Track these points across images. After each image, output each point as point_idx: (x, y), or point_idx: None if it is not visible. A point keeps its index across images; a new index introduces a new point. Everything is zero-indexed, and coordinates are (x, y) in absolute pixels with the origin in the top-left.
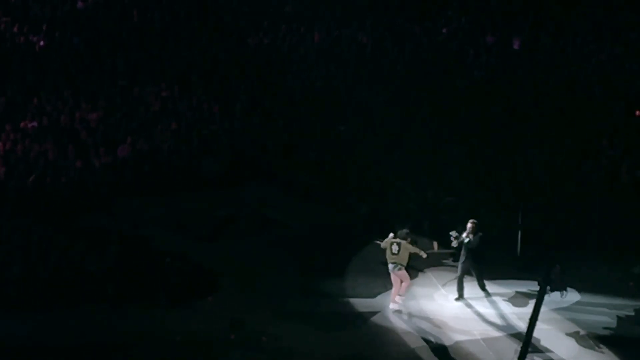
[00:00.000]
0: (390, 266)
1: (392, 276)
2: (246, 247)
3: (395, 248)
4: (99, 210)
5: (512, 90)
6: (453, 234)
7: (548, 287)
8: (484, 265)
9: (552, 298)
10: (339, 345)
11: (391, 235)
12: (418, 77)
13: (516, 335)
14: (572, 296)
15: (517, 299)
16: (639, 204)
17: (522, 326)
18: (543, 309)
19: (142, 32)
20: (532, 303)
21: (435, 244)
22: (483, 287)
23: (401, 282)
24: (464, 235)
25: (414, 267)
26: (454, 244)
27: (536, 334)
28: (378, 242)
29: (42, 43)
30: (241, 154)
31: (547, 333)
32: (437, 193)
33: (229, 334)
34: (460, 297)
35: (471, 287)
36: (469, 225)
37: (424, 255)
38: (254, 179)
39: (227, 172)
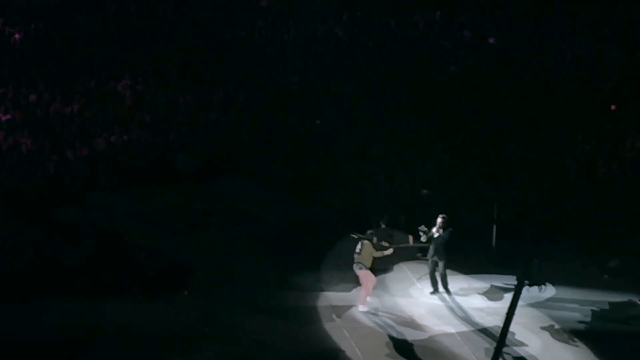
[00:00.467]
0: (354, 266)
1: (359, 276)
2: (222, 241)
3: (358, 247)
4: (74, 204)
5: (488, 85)
6: (422, 228)
7: (526, 282)
8: (451, 259)
9: (530, 293)
10: (313, 339)
11: (369, 232)
12: (395, 72)
13: (492, 330)
14: (547, 291)
15: (493, 293)
16: (614, 198)
17: (498, 320)
18: (519, 303)
19: (118, 25)
20: (507, 297)
21: (410, 238)
22: (445, 285)
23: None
24: (434, 230)
25: (390, 262)
26: (423, 238)
27: (511, 328)
28: (354, 236)
29: (17, 36)
30: (217, 148)
31: (522, 327)
32: (413, 187)
33: (204, 327)
34: (436, 290)
35: (449, 282)
36: (439, 220)
37: (389, 252)
38: (230, 173)
39: (203, 166)
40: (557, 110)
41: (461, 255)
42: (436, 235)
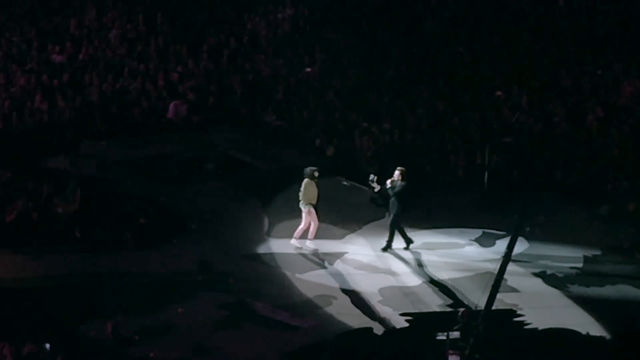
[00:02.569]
0: (300, 204)
1: (303, 214)
2: (213, 189)
3: (302, 186)
4: (66, 153)
5: (479, 31)
6: (372, 178)
7: (527, 228)
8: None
9: (523, 240)
10: (305, 286)
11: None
12: (385, 18)
13: (484, 276)
14: (540, 236)
15: (485, 240)
16: (604, 144)
17: (490, 266)
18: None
19: None
20: (499, 243)
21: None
22: (389, 242)
23: (310, 223)
24: (388, 182)
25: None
26: (376, 188)
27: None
28: (345, 183)
29: None
30: (208, 96)
31: (514, 272)
32: (402, 133)
33: (196, 275)
34: (388, 247)
35: (442, 232)
36: (396, 172)
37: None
38: (221, 121)
39: (193, 114)
40: (548, 56)
41: (452, 203)
42: (388, 186)
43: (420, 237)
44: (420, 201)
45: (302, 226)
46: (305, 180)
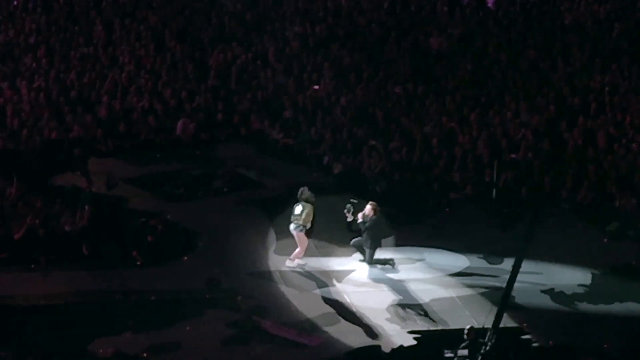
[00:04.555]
0: (291, 226)
1: (295, 236)
2: (221, 206)
3: (298, 209)
4: (73, 170)
5: (487, 49)
6: (348, 206)
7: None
8: (375, 248)
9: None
10: (313, 304)
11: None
12: (393, 35)
13: (492, 293)
14: (546, 253)
15: (493, 257)
16: (612, 162)
17: (497, 283)
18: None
19: None
20: (507, 261)
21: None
22: (387, 260)
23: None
24: (360, 215)
25: None
26: (349, 219)
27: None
28: (353, 201)
29: (15, 2)
30: (216, 113)
31: (522, 289)
32: (410, 151)
33: (204, 293)
34: (392, 264)
35: (449, 249)
36: (368, 206)
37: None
38: (228, 138)
39: (201, 131)
40: (557, 74)
41: (459, 220)
42: (359, 220)
43: (427, 255)
44: (428, 219)
45: (299, 250)
46: (305, 205)
